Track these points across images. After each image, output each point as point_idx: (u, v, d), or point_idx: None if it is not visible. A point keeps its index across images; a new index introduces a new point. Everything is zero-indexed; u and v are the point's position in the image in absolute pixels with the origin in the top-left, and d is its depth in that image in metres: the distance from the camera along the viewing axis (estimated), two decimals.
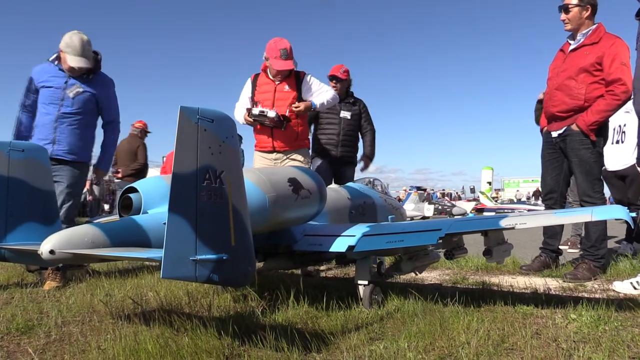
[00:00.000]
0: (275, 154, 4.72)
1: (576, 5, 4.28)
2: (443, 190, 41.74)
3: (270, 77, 4.67)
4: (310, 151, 5.16)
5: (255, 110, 4.53)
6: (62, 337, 2.54)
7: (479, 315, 2.76)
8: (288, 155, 4.69)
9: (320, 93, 4.69)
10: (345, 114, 5.58)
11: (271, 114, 4.49)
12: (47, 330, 2.65)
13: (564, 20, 4.40)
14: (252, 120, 4.59)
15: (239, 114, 4.71)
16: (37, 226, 3.06)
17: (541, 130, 4.79)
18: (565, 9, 4.36)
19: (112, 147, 4.96)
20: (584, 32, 4.31)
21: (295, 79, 4.67)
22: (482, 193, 30.68)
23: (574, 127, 4.27)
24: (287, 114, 4.55)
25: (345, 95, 5.66)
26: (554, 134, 4.50)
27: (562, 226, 4.90)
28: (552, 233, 4.79)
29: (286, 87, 4.63)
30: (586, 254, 4.33)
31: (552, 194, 4.67)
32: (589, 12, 4.27)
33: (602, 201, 4.38)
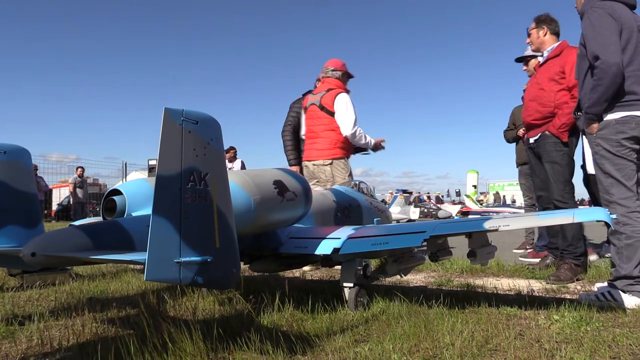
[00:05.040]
0: None
1: (534, 28, 4.75)
2: (428, 193, 41.87)
3: None
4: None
5: None
6: (44, 341, 2.50)
7: (463, 317, 2.78)
8: None
9: None
10: None
11: None
12: (29, 335, 2.61)
13: (528, 43, 4.94)
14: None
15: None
16: (19, 229, 3.01)
17: (527, 140, 4.99)
18: (528, 33, 4.87)
19: None
20: (549, 48, 4.68)
21: None
22: (468, 196, 30.86)
23: (547, 132, 4.53)
24: None
25: None
26: (531, 140, 4.77)
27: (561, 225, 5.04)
28: (554, 232, 4.99)
29: None
30: (565, 253, 4.43)
31: (543, 193, 4.81)
32: (544, 30, 4.65)
33: (573, 202, 4.54)
